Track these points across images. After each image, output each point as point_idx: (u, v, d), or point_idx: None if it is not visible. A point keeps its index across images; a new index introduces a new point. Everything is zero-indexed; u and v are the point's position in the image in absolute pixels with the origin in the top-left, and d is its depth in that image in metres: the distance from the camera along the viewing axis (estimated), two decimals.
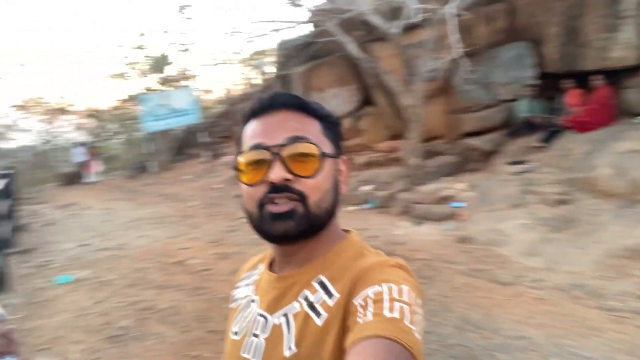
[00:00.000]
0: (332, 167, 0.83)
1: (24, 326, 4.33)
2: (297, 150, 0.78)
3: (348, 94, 10.58)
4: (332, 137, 0.85)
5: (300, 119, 0.82)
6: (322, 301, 0.77)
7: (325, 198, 0.81)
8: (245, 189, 0.81)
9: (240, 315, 0.90)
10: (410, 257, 5.35)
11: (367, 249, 0.84)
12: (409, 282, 0.74)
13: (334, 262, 0.81)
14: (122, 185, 15.52)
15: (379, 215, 7.63)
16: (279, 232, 0.78)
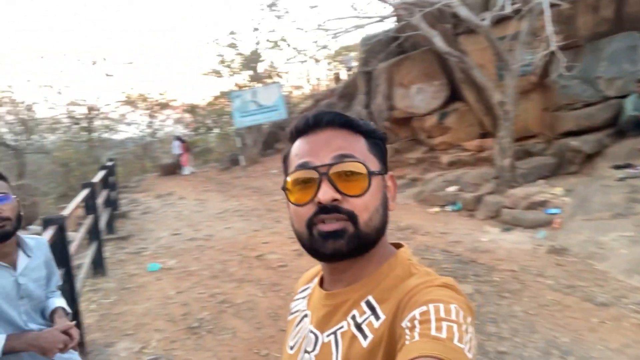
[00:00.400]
0: (380, 185, 0.83)
1: (113, 310, 4.67)
2: (344, 169, 0.78)
3: (434, 89, 10.18)
4: (379, 154, 0.86)
5: (346, 137, 0.82)
6: (369, 322, 0.77)
7: (375, 216, 0.80)
8: (294, 209, 0.82)
9: (295, 329, 0.92)
10: (495, 267, 5.01)
11: (415, 267, 0.83)
12: (458, 300, 0.71)
13: (382, 282, 0.81)
14: (215, 177, 16.32)
15: (463, 218, 7.25)
16: (329, 251, 0.78)
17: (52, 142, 20.25)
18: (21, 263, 1.80)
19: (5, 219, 1.69)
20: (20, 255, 1.81)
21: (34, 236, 1.97)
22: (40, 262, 1.90)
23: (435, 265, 5.13)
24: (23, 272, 1.80)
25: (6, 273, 1.75)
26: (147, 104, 22.56)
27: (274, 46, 20.14)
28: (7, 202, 1.71)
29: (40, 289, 1.87)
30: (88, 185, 5.70)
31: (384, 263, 0.83)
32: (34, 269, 1.85)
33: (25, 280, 1.80)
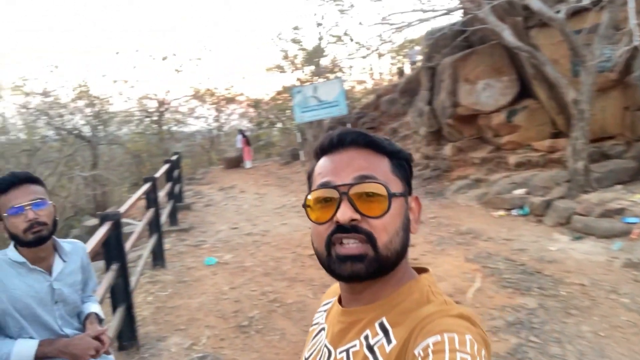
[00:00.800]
0: (401, 207, 0.82)
1: (168, 304, 4.80)
2: (365, 189, 0.78)
3: (502, 85, 9.64)
4: (403, 175, 0.85)
5: (369, 157, 0.82)
6: (381, 345, 0.76)
7: (395, 239, 0.79)
8: (314, 227, 0.82)
9: (312, 340, 0.93)
10: (562, 280, 4.63)
11: (434, 294, 0.81)
12: (473, 332, 0.70)
13: (398, 305, 0.80)
14: (275, 171, 16.56)
15: (530, 224, 6.81)
16: (346, 274, 0.78)
17: (124, 134, 21.41)
18: (56, 268, 1.82)
19: (42, 224, 1.71)
20: (56, 260, 1.83)
21: (71, 240, 1.99)
22: (76, 266, 1.91)
23: (497, 275, 4.84)
24: (58, 277, 1.82)
25: (41, 278, 1.78)
26: (214, 98, 23.26)
27: (337, 41, 20.05)
28: (44, 207, 1.73)
29: (76, 294, 1.88)
30: (149, 179, 5.90)
31: (403, 286, 0.82)
32: (70, 274, 1.86)
33: (60, 285, 1.81)
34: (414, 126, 12.65)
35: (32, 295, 1.73)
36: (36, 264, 1.77)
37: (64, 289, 1.82)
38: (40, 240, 1.72)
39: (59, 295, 1.80)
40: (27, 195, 1.70)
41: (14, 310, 1.69)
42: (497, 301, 4.26)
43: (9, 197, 1.68)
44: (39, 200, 1.71)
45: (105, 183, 16.61)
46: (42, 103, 16.94)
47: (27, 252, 1.75)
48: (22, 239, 1.69)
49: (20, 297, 1.70)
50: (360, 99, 23.59)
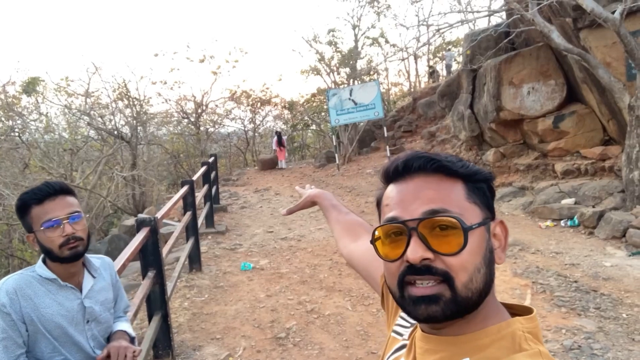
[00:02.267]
0: (482, 238, 0.72)
1: (204, 310, 4.72)
2: (436, 224, 0.69)
3: (548, 89, 9.21)
4: (481, 200, 0.74)
5: (440, 185, 0.73)
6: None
7: (476, 277, 0.70)
8: (384, 263, 0.75)
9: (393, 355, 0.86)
10: (622, 300, 4.30)
11: (526, 341, 0.69)
12: None
13: (485, 348, 0.70)
14: (310, 174, 16.47)
15: (581, 236, 6.44)
16: (422, 317, 0.71)
17: (163, 135, 21.78)
18: (86, 284, 1.71)
19: (78, 239, 1.60)
20: (85, 276, 1.72)
21: (99, 256, 1.88)
22: (106, 283, 1.80)
23: (549, 292, 4.54)
24: (89, 294, 1.70)
25: (72, 295, 1.66)
26: (250, 100, 23.40)
27: (373, 43, 19.82)
28: (80, 220, 1.63)
29: (108, 312, 1.76)
30: (187, 182, 5.87)
31: (491, 325, 0.72)
32: (100, 291, 1.75)
33: (91, 302, 1.70)
34: (453, 130, 12.30)
35: (64, 314, 1.62)
36: (66, 281, 1.66)
37: (95, 307, 1.70)
38: (77, 256, 1.62)
39: (90, 314, 1.69)
40: (64, 208, 1.59)
41: (45, 331, 1.59)
42: (550, 321, 3.98)
43: (44, 208, 1.57)
44: (75, 213, 1.61)
45: (144, 183, 16.89)
46: (84, 104, 17.40)
47: (58, 268, 1.64)
48: (56, 254, 1.59)
49: (51, 316, 1.60)
50: (396, 102, 23.28)
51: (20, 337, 1.56)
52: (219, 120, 23.22)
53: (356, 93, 15.28)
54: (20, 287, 1.59)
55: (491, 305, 0.74)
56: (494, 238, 0.76)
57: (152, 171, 17.53)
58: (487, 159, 10.35)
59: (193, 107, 21.43)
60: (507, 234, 0.79)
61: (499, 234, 0.77)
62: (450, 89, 12.99)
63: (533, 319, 0.74)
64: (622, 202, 6.86)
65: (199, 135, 20.76)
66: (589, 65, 7.34)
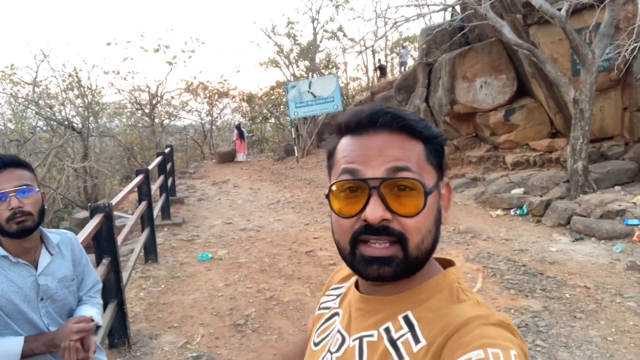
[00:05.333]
0: (435, 200, 0.72)
1: (161, 300, 4.64)
2: (397, 184, 0.69)
3: (500, 84, 9.57)
4: (437, 162, 0.74)
5: (403, 144, 0.71)
6: (406, 341, 0.69)
7: (427, 238, 0.71)
8: (336, 219, 0.73)
9: (323, 326, 0.86)
10: (566, 282, 4.55)
11: (464, 292, 0.73)
12: (516, 346, 0.63)
13: (426, 300, 0.72)
14: (269, 167, 16.39)
15: (529, 224, 6.74)
16: (372, 276, 0.70)
17: (116, 126, 21.09)
18: (43, 261, 1.65)
19: (26, 214, 1.54)
20: (42, 253, 1.66)
21: (60, 231, 1.81)
22: (65, 260, 1.74)
23: (499, 276, 4.74)
24: (44, 271, 1.65)
25: (25, 272, 1.61)
26: (207, 92, 22.99)
27: (332, 36, 19.89)
28: (30, 194, 1.56)
29: (66, 290, 1.71)
30: (142, 171, 5.72)
31: (429, 279, 0.74)
32: (58, 268, 1.69)
33: (47, 280, 1.64)
34: None
35: (16, 291, 1.56)
36: (20, 257, 1.60)
37: (51, 285, 1.65)
38: (25, 232, 1.55)
39: (44, 292, 1.63)
40: (12, 181, 1.53)
41: None
42: (500, 303, 4.16)
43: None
44: (24, 186, 1.54)
45: (96, 175, 16.32)
46: (32, 92, 16.59)
47: (11, 244, 1.58)
48: (4, 228, 1.53)
49: (2, 293, 1.54)
50: (355, 96, 23.48)
51: None
52: (174, 112, 22.69)
53: (315, 86, 15.31)
54: None
55: (431, 262, 0.76)
56: (441, 199, 0.75)
57: (105, 163, 16.94)
58: None
59: (147, 98, 20.86)
60: (451, 194, 0.80)
61: (445, 194, 0.76)
62: (407, 83, 13.24)
63: (458, 270, 0.78)
64: (567, 192, 7.22)
65: (154, 127, 20.23)
66: (538, 60, 7.66)
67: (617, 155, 7.79)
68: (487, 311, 0.69)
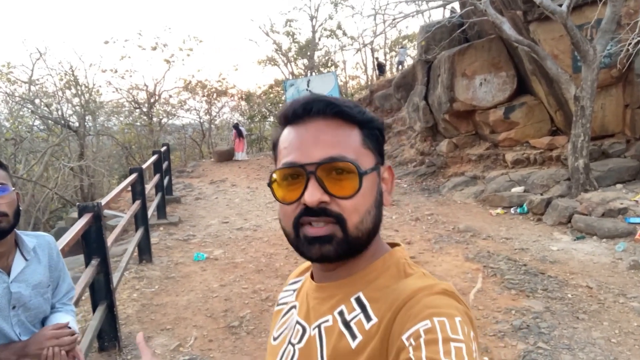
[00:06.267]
0: (373, 182, 0.76)
1: (154, 301, 4.54)
2: (334, 168, 0.72)
3: (500, 81, 9.47)
4: (374, 146, 0.77)
5: (338, 130, 0.74)
6: (358, 321, 0.72)
7: (366, 218, 0.74)
8: (280, 206, 0.77)
9: (281, 320, 0.89)
10: (567, 282, 4.45)
11: (410, 267, 0.77)
12: (460, 312, 0.66)
13: (374, 280, 0.76)
14: (267, 166, 16.28)
15: (529, 223, 6.65)
16: (315, 256, 0.74)
17: (113, 125, 20.96)
18: (16, 267, 1.55)
19: (1, 215, 1.45)
20: (16, 258, 1.56)
21: (37, 233, 1.71)
22: (41, 265, 1.63)
23: (499, 276, 4.65)
24: (18, 278, 1.55)
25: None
26: (206, 90, 22.86)
27: (331, 34, 19.81)
28: (5, 194, 1.47)
29: (40, 297, 1.61)
30: (136, 170, 5.62)
31: (377, 259, 0.78)
32: (33, 274, 1.59)
33: (20, 287, 1.54)
34: (409, 122, 12.46)
35: None
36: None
37: (24, 292, 1.55)
38: (0, 234, 1.46)
39: (17, 300, 1.53)
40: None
41: None
42: (501, 303, 4.06)
43: None
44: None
45: (93, 174, 16.21)
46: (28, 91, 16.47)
47: None
48: None
49: None
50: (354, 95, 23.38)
51: None
52: (172, 111, 22.54)
53: (314, 84, 15.22)
54: None
55: (377, 243, 0.79)
56: (383, 182, 0.79)
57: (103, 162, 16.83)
58: (441, 150, 10.53)
59: (145, 96, 20.73)
60: (394, 177, 0.83)
61: (387, 178, 0.80)
62: (406, 81, 13.14)
63: (404, 249, 0.82)
64: (568, 190, 7.13)
65: (152, 126, 20.11)
66: (538, 57, 7.56)
67: (619, 153, 7.69)
68: (432, 282, 0.72)
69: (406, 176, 10.59)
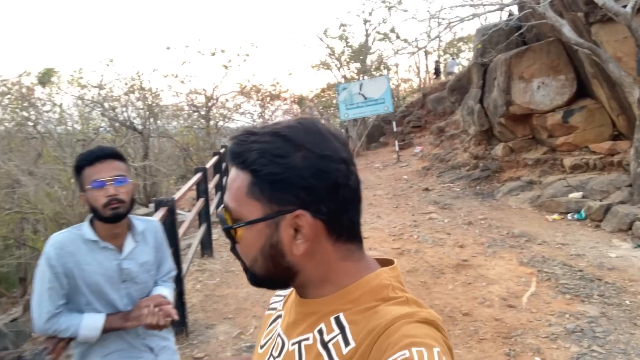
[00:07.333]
0: (259, 233, 0.73)
1: (216, 292, 4.86)
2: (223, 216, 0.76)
3: (558, 84, 9.24)
4: (269, 194, 0.71)
5: (235, 178, 0.74)
6: (336, 343, 0.71)
7: (254, 265, 0.76)
8: None
9: (269, 327, 0.89)
10: (626, 289, 4.37)
11: (394, 290, 0.74)
12: (439, 342, 0.66)
13: (357, 300, 0.73)
14: None
15: (587, 229, 6.49)
16: None
17: (173, 128, 21.95)
18: (127, 247, 1.82)
19: (120, 201, 1.72)
20: (128, 239, 1.83)
21: (146, 218, 1.98)
22: (148, 246, 1.89)
23: (554, 280, 4.63)
24: (128, 256, 1.82)
25: (111, 256, 1.78)
26: (260, 94, 23.49)
27: (384, 38, 19.84)
28: (125, 184, 1.73)
29: (146, 274, 1.87)
30: (200, 170, 6.00)
31: (359, 279, 0.75)
32: (141, 253, 1.86)
33: (130, 264, 1.81)
34: (463, 125, 12.34)
35: (102, 272, 1.75)
36: (109, 241, 1.78)
37: (133, 269, 1.82)
38: (117, 217, 1.74)
39: (127, 274, 1.80)
40: (111, 171, 1.71)
41: (83, 286, 1.73)
42: (554, 307, 4.06)
43: (94, 170, 1.70)
44: (120, 177, 1.73)
45: (155, 174, 17.08)
46: (97, 95, 17.60)
47: (102, 228, 1.77)
48: (100, 213, 1.72)
49: (90, 273, 1.73)
50: (406, 98, 23.29)
51: (62, 289, 1.71)
52: (228, 114, 23.33)
53: (366, 87, 15.33)
54: (66, 243, 1.73)
55: (364, 261, 0.77)
56: (289, 229, 0.71)
57: (163, 163, 17.71)
58: (496, 154, 10.39)
59: (203, 100, 21.58)
60: (311, 227, 0.71)
61: (302, 225, 0.71)
62: (461, 84, 13.03)
63: (395, 269, 0.78)
64: (629, 196, 6.89)
65: (209, 129, 20.90)
66: (600, 60, 7.35)
67: None
68: (414, 309, 0.70)
69: (459, 180, 10.52)
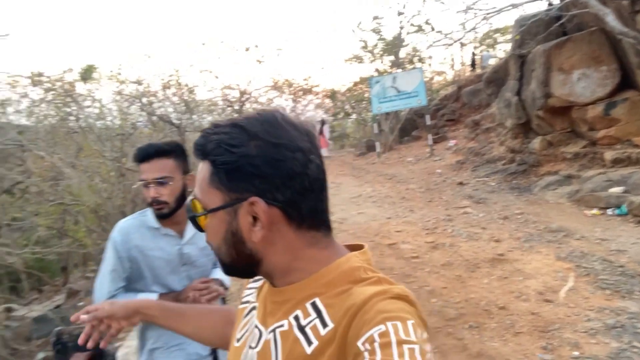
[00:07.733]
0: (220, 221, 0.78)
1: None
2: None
3: (600, 75, 8.94)
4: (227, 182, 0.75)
5: (201, 169, 0.79)
6: (314, 326, 0.74)
7: (220, 252, 0.80)
8: None
9: (243, 320, 0.90)
10: None
11: (365, 272, 0.77)
12: (413, 315, 0.69)
13: (330, 284, 0.76)
14: (350, 162, 16.60)
15: (629, 225, 6.29)
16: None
17: (208, 122, 22.37)
18: (188, 233, 1.90)
19: (162, 203, 1.78)
20: (189, 225, 1.90)
21: None
22: None
23: (593, 275, 4.53)
24: (189, 241, 1.90)
25: (172, 241, 1.88)
26: (292, 89, 23.64)
27: (418, 30, 19.61)
28: (167, 185, 1.78)
29: (205, 257, 1.94)
30: None
31: (330, 264, 0.78)
32: (200, 239, 1.91)
33: (190, 249, 1.90)
34: (499, 118, 12.11)
35: (164, 257, 1.85)
36: (170, 227, 1.88)
37: (193, 253, 1.90)
38: (162, 217, 1.83)
39: (187, 259, 1.89)
40: (154, 172, 1.77)
41: (145, 269, 1.83)
42: (593, 302, 3.99)
43: (142, 167, 1.78)
44: (162, 178, 1.77)
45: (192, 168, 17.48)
46: (136, 90, 18.10)
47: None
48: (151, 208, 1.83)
49: (153, 258, 1.84)
50: (439, 90, 22.97)
51: (123, 272, 1.82)
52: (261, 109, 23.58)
53: (399, 81, 15.22)
54: (132, 229, 1.84)
55: (333, 247, 0.82)
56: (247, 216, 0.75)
57: None
58: (533, 147, 10.16)
59: (237, 95, 21.88)
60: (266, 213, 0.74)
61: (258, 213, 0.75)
62: (497, 76, 12.78)
63: (365, 253, 0.83)
64: None
65: None
66: None
67: None
68: (387, 287, 0.73)
69: (494, 174, 10.35)
